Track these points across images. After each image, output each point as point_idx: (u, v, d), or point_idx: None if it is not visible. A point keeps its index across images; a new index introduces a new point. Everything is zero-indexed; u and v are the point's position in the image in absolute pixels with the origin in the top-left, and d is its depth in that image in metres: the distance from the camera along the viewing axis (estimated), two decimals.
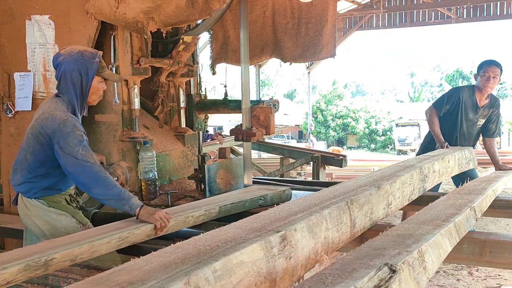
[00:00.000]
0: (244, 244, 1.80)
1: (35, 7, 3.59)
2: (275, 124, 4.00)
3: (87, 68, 2.60)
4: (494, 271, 4.14)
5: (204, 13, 3.31)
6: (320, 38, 4.59)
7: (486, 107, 4.52)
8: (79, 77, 2.60)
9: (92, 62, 2.62)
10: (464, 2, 14.10)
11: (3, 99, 3.80)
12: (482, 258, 2.50)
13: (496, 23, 17.23)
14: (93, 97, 2.71)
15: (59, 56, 2.64)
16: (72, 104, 2.62)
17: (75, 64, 2.58)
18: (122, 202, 2.48)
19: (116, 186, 2.52)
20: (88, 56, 2.62)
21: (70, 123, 2.50)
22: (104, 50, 3.59)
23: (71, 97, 2.61)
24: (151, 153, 3.59)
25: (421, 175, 3.42)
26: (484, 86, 4.40)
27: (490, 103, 4.52)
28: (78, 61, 2.59)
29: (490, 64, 4.44)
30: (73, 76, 2.59)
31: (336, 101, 32.56)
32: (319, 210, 2.31)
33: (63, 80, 2.61)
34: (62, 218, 2.65)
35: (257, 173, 8.14)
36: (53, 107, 2.58)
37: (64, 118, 2.52)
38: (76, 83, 2.60)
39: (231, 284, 1.38)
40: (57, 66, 2.63)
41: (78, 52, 2.62)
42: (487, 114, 4.53)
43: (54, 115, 2.54)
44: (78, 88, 2.61)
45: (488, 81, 4.37)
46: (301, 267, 2.07)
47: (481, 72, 4.44)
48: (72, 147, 2.47)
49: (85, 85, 2.62)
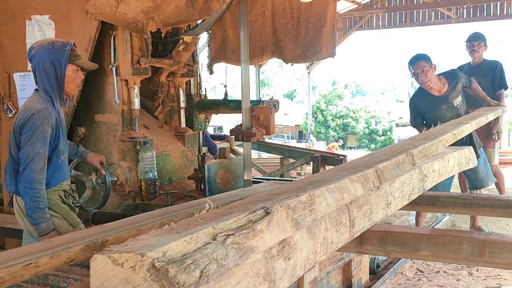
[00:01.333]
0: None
1: (35, 7, 3.59)
2: (275, 124, 4.00)
3: (59, 56, 2.60)
4: (494, 271, 4.14)
5: (203, 13, 3.31)
6: (320, 38, 4.59)
7: (450, 90, 4.47)
8: (52, 66, 2.59)
9: (63, 50, 2.61)
10: (464, 2, 14.09)
11: (3, 99, 3.81)
12: (482, 258, 2.50)
13: (496, 23, 17.21)
14: (70, 87, 2.69)
15: (32, 49, 2.65)
16: (49, 94, 2.62)
17: (46, 54, 2.59)
18: (33, 220, 2.52)
19: (39, 201, 2.51)
20: (59, 45, 2.63)
21: (42, 115, 2.51)
22: (104, 50, 3.59)
23: (47, 87, 2.61)
24: (151, 153, 3.59)
25: (420, 175, 3.41)
26: (421, 83, 4.41)
27: (450, 85, 4.47)
28: (49, 50, 2.59)
29: (411, 62, 4.44)
30: (45, 66, 2.59)
31: (336, 101, 32.57)
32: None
33: (37, 72, 2.62)
34: (54, 220, 2.64)
35: (257, 173, 8.14)
36: (30, 100, 2.62)
37: (39, 109, 2.53)
38: (49, 73, 2.60)
39: (229, 285, 1.38)
40: (31, 59, 2.64)
41: (49, 43, 2.63)
42: (457, 93, 4.49)
43: (30, 107, 2.55)
44: (52, 78, 2.61)
45: (418, 77, 4.39)
46: (300, 267, 2.07)
47: (411, 74, 4.49)
48: (32, 142, 2.49)
49: (59, 73, 2.61)
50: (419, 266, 4.33)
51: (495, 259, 2.47)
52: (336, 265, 3.38)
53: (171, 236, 1.21)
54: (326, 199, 1.88)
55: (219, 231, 1.29)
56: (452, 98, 4.47)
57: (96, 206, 3.25)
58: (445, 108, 4.49)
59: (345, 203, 2.03)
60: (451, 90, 4.46)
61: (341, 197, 2.00)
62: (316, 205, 1.79)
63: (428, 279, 4.04)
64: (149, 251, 1.07)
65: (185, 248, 1.16)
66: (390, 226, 3.01)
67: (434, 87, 4.42)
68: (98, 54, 3.56)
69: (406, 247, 2.65)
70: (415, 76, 4.43)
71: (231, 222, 1.36)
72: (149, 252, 1.07)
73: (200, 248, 1.19)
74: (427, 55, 4.46)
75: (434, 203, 3.66)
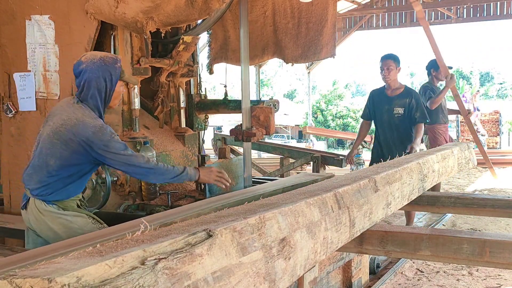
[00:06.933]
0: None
1: (35, 7, 3.59)
2: (275, 124, 4.00)
3: (111, 74, 2.65)
4: (494, 271, 4.14)
5: (203, 13, 3.31)
6: (320, 38, 4.59)
7: (399, 97, 4.99)
8: (104, 83, 2.65)
9: (115, 67, 2.67)
10: (464, 2, 14.08)
11: (3, 99, 3.81)
12: (482, 258, 2.49)
13: (496, 23, 17.23)
14: (115, 102, 2.78)
15: (80, 64, 2.64)
16: (98, 109, 2.67)
17: (99, 71, 2.62)
18: (182, 178, 2.80)
19: (169, 170, 2.73)
20: (110, 62, 2.67)
21: (107, 130, 2.58)
22: (104, 50, 3.59)
23: (97, 103, 2.66)
24: (151, 153, 3.59)
25: (420, 175, 3.41)
26: (384, 77, 5.01)
27: (404, 93, 5.00)
28: (102, 67, 2.63)
29: (383, 58, 5.04)
30: (98, 83, 2.63)
31: (336, 101, 32.56)
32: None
33: (87, 88, 2.63)
34: (78, 220, 2.65)
35: (257, 173, 8.14)
36: (81, 113, 2.59)
37: (100, 125, 2.57)
38: (101, 90, 2.65)
39: (230, 285, 1.37)
40: (79, 74, 2.65)
41: (100, 59, 2.65)
42: (404, 104, 4.95)
43: (86, 121, 2.55)
44: (103, 94, 2.67)
45: (382, 72, 4.99)
46: (300, 267, 2.07)
47: (379, 68, 5.03)
48: (121, 153, 2.58)
49: (109, 90, 2.68)
50: (419, 266, 4.33)
51: (495, 259, 2.47)
52: (336, 265, 3.38)
53: (92, 259, 1.09)
54: (279, 222, 1.73)
55: (149, 254, 1.15)
56: (396, 105, 4.99)
57: (96, 206, 3.25)
58: (386, 109, 5.03)
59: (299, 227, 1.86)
60: (399, 98, 4.99)
61: (296, 221, 1.84)
62: (266, 229, 1.64)
63: (428, 279, 4.04)
64: (59, 275, 0.94)
65: (106, 273, 1.03)
66: (390, 226, 3.01)
67: (391, 84, 5.02)
68: None
69: (406, 247, 2.64)
70: (381, 70, 5.01)
71: (166, 245, 1.22)
72: (59, 277, 0.93)
73: (125, 274, 1.05)
74: (398, 57, 5.05)
75: (434, 203, 3.67)
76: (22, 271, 0.97)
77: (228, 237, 1.41)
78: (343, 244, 2.41)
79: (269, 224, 1.67)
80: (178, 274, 1.16)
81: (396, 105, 4.97)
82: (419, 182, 3.40)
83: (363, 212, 2.59)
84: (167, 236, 1.32)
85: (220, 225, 1.46)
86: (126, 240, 1.28)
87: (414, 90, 5.21)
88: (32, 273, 0.95)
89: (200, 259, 1.25)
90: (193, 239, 1.29)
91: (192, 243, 1.28)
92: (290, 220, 1.81)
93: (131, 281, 1.04)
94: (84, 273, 0.97)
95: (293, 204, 1.90)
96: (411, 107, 4.92)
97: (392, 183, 2.90)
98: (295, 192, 2.33)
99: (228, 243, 1.40)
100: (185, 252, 1.22)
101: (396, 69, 4.97)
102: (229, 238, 1.42)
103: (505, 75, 46.63)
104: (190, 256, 1.22)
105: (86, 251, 1.17)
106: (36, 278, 0.91)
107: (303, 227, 1.87)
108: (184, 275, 1.17)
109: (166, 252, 1.19)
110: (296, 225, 1.83)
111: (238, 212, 1.75)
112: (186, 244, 1.26)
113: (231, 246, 1.40)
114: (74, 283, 0.93)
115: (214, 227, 1.41)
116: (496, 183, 8.47)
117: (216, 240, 1.34)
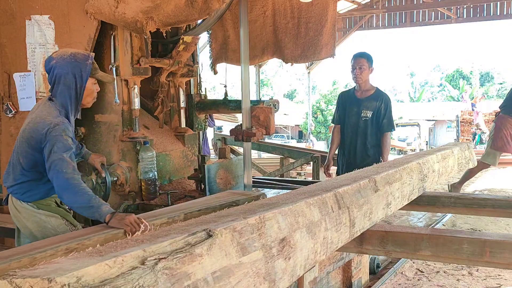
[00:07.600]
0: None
1: (35, 7, 3.59)
2: (275, 124, 4.00)
3: (81, 70, 2.60)
4: (494, 271, 4.14)
5: (203, 13, 3.31)
6: (320, 38, 4.58)
7: (369, 99, 4.65)
8: (74, 79, 2.59)
9: (85, 64, 2.61)
10: (464, 2, 14.10)
11: (3, 99, 3.81)
12: (482, 258, 2.50)
13: (496, 23, 17.22)
14: (87, 99, 2.71)
15: (51, 60, 2.63)
16: (66, 107, 2.61)
17: (68, 67, 2.58)
18: (92, 210, 2.38)
19: (85, 194, 2.40)
20: (81, 58, 2.62)
21: (60, 128, 2.49)
22: (104, 50, 3.59)
23: (65, 100, 2.61)
24: (151, 153, 3.59)
25: (420, 175, 3.42)
26: (354, 77, 4.65)
27: (374, 95, 4.66)
28: (72, 63, 2.58)
29: (355, 56, 4.65)
30: (67, 79, 2.58)
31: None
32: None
33: (56, 84, 2.60)
34: (51, 220, 2.64)
35: (257, 173, 8.14)
36: (46, 111, 2.57)
37: (56, 122, 2.50)
38: (71, 86, 2.59)
39: (230, 285, 1.37)
40: (50, 70, 2.62)
41: (71, 55, 2.61)
42: (374, 107, 4.62)
43: (46, 119, 2.53)
44: (72, 91, 2.61)
45: (354, 71, 4.62)
46: (300, 267, 2.06)
47: (351, 66, 4.66)
48: (54, 152, 2.44)
49: (80, 87, 2.62)
50: (419, 266, 4.33)
51: (495, 259, 2.47)
52: (336, 265, 3.37)
53: (91, 259, 1.09)
54: (278, 222, 1.72)
55: (149, 254, 1.16)
56: (365, 107, 4.66)
57: None
58: (354, 112, 4.70)
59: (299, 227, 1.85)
60: (369, 100, 4.66)
61: (295, 221, 1.84)
62: (266, 229, 1.64)
63: (428, 279, 4.04)
64: (59, 276, 0.95)
65: (106, 273, 1.03)
66: (390, 226, 3.01)
67: (361, 85, 4.67)
68: (98, 54, 3.55)
69: (406, 247, 2.65)
70: (352, 69, 4.65)
71: (166, 245, 1.22)
72: (59, 277, 0.94)
73: (124, 274, 1.06)
74: (371, 57, 4.69)
75: (435, 203, 3.67)
76: (22, 271, 0.96)
77: (228, 237, 1.41)
78: (343, 244, 2.41)
79: (269, 224, 1.66)
80: (178, 274, 1.16)
81: (364, 107, 4.64)
82: (419, 182, 3.40)
83: (363, 212, 2.59)
84: (167, 236, 1.32)
85: (220, 225, 1.46)
86: (126, 240, 1.30)
87: (386, 94, 4.82)
88: (32, 273, 0.95)
89: (200, 259, 1.25)
90: (193, 239, 1.29)
91: (192, 243, 1.28)
92: (290, 220, 1.81)
93: (131, 281, 1.04)
94: (84, 273, 0.97)
95: (293, 204, 1.90)
96: (379, 111, 4.60)
97: (392, 183, 2.90)
98: (295, 192, 2.33)
99: (228, 243, 1.40)
100: (185, 252, 1.22)
101: (368, 69, 4.62)
102: (229, 238, 1.42)
103: (505, 75, 46.64)
104: (190, 256, 1.23)
105: (86, 251, 1.17)
106: (36, 278, 0.91)
107: (303, 227, 1.87)
108: (184, 275, 1.17)
109: (166, 252, 1.19)
110: (296, 225, 1.83)
111: (238, 212, 1.76)
112: (186, 244, 1.26)
113: (231, 246, 1.40)
114: (74, 283, 0.93)
115: (214, 227, 1.41)
116: (496, 183, 8.47)
117: (216, 240, 1.35)
